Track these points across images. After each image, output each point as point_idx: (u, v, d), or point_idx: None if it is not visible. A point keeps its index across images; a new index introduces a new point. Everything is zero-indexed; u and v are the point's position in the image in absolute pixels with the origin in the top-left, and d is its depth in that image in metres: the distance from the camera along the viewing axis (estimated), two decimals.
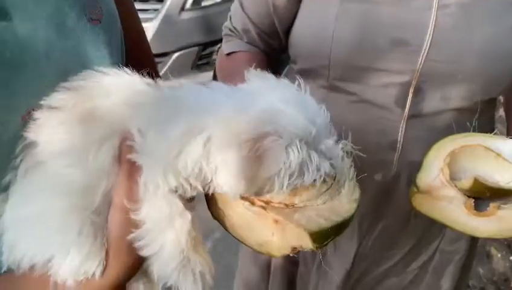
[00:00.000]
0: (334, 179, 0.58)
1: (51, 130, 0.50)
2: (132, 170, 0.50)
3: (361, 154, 0.61)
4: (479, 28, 0.82)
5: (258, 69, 0.59)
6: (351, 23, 0.85)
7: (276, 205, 0.57)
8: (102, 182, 0.51)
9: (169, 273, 0.51)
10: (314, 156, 0.51)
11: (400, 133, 0.90)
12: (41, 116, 0.51)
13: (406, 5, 0.83)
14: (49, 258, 0.49)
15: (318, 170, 0.51)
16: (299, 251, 0.58)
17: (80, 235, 0.49)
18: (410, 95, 0.87)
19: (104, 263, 0.51)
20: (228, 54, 1.03)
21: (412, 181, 0.78)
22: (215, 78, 1.09)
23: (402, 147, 0.91)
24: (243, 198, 0.56)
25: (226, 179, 0.49)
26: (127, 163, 0.50)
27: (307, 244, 0.55)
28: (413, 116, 0.89)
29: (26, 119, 0.52)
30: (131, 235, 0.49)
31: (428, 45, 0.83)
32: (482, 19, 0.82)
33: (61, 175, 0.50)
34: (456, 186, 0.74)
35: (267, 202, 0.57)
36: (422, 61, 0.84)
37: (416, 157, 0.81)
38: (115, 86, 0.53)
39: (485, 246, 2.37)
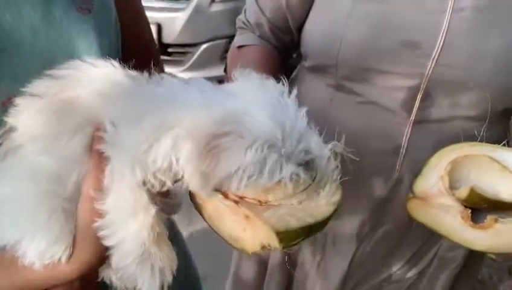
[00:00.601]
0: (314, 180, 0.57)
1: (28, 117, 0.52)
2: (100, 161, 0.51)
3: (353, 157, 0.60)
4: (495, 34, 0.79)
5: (247, 69, 0.58)
6: (362, 23, 0.83)
7: (250, 200, 0.57)
8: (74, 171, 0.52)
9: (128, 264, 0.51)
10: (273, 159, 0.49)
11: (404, 138, 0.88)
12: (21, 102, 0.52)
13: (419, 7, 0.80)
14: (18, 240, 0.50)
15: (280, 172, 0.50)
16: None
17: (49, 220, 0.50)
18: (418, 99, 0.85)
19: (71, 249, 0.52)
20: (239, 47, 1.03)
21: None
22: (225, 70, 1.09)
23: (405, 153, 0.89)
24: (217, 190, 0.55)
25: (187, 174, 0.48)
26: (96, 153, 0.51)
27: (274, 243, 0.54)
28: (420, 121, 0.86)
29: (6, 104, 0.53)
30: (96, 224, 0.50)
31: (440, 48, 0.80)
32: (499, 25, 0.79)
33: (35, 161, 0.51)
34: (453, 195, 0.72)
35: (241, 197, 0.56)
36: (433, 65, 0.81)
37: (420, 164, 0.78)
38: (96, 77, 0.54)
39: (508, 261, 2.27)
